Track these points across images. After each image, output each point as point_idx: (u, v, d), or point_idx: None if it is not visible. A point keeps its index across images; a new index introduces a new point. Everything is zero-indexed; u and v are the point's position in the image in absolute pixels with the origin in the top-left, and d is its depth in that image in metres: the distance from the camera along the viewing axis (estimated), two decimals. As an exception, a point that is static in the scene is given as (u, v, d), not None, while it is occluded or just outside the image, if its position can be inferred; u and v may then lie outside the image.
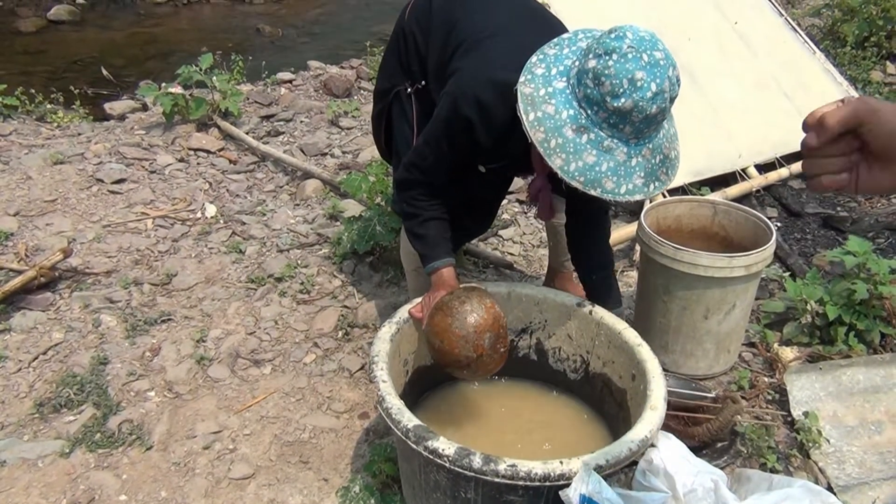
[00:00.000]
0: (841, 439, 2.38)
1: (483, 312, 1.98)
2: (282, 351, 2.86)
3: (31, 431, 2.46)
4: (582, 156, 1.74)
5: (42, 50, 7.06)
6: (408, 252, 2.64)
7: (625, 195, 1.77)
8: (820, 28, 6.00)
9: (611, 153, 1.74)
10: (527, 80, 1.81)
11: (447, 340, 1.98)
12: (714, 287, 2.49)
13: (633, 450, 1.73)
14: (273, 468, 2.35)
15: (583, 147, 1.74)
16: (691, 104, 3.94)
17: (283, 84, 5.55)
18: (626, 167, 1.76)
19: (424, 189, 2.22)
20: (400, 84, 2.44)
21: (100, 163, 4.14)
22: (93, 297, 3.08)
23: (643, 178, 1.78)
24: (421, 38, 2.32)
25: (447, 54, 2.16)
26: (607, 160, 1.74)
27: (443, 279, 2.17)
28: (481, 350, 1.97)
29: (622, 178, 1.76)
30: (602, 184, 1.76)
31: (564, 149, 1.74)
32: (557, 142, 1.74)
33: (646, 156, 1.78)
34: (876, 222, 3.70)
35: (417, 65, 2.35)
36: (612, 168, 1.75)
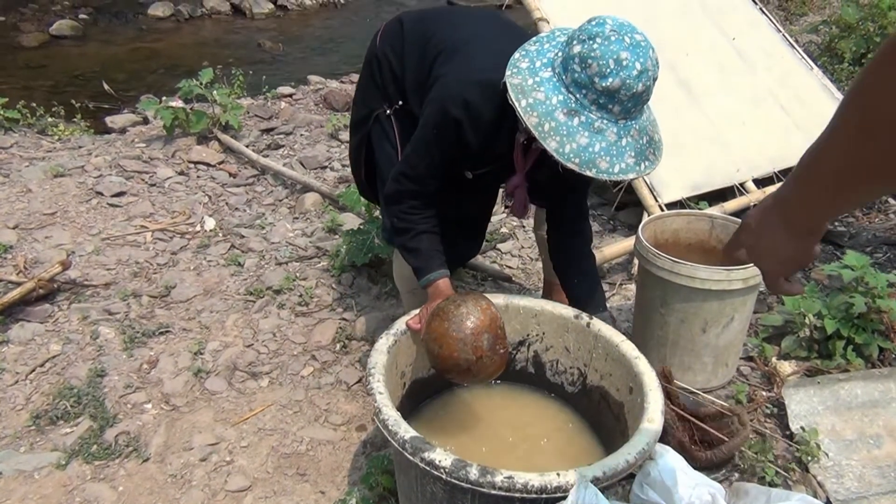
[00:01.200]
0: (839, 453, 2.38)
1: (479, 314, 1.99)
2: (279, 363, 2.85)
3: (27, 443, 2.46)
4: (575, 138, 1.80)
5: (44, 64, 7.10)
6: (401, 275, 2.62)
7: (618, 174, 1.83)
8: (818, 44, 6.03)
9: (602, 134, 1.81)
10: (513, 73, 1.87)
11: (445, 345, 1.97)
12: (712, 300, 2.49)
13: (631, 462, 1.72)
14: (270, 480, 2.34)
15: (575, 129, 1.80)
16: (689, 119, 3.96)
17: (284, 98, 5.57)
18: (617, 147, 1.82)
19: (415, 200, 2.22)
20: (378, 107, 2.44)
21: (100, 176, 4.15)
22: (91, 310, 3.08)
23: (634, 157, 1.85)
24: (395, 60, 2.34)
25: (426, 66, 2.19)
26: (599, 141, 1.81)
27: (439, 290, 2.18)
28: (480, 352, 1.97)
29: (615, 157, 1.82)
30: (597, 164, 1.81)
31: (558, 132, 1.80)
32: (550, 125, 1.80)
33: (634, 136, 1.85)
34: (874, 237, 3.71)
35: (393, 86, 2.37)
36: (605, 148, 1.81)
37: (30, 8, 8.63)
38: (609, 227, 3.89)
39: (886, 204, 4.10)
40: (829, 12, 6.97)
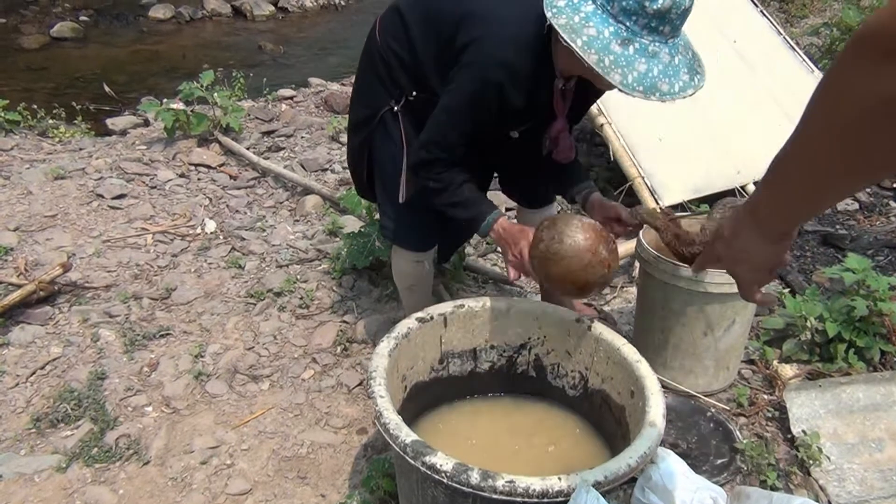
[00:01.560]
0: (841, 457, 2.37)
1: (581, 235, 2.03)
2: (280, 366, 2.85)
3: (27, 446, 2.46)
4: (634, 66, 1.84)
5: (45, 66, 7.10)
6: (400, 272, 2.67)
7: (679, 93, 1.89)
8: (818, 47, 6.03)
9: (657, 57, 1.86)
10: (555, 13, 1.87)
11: (577, 279, 2.04)
12: (713, 303, 2.48)
13: (632, 466, 1.72)
14: (271, 483, 2.34)
15: (632, 58, 1.84)
16: (690, 122, 3.95)
17: (284, 100, 5.58)
18: (672, 67, 1.88)
19: (446, 163, 2.23)
20: (384, 105, 2.39)
21: (100, 178, 4.15)
22: (92, 312, 3.08)
23: (687, 73, 1.91)
24: (402, 50, 2.29)
25: (446, 40, 2.14)
26: (656, 64, 1.86)
27: (509, 228, 2.24)
28: (607, 263, 2.06)
29: (672, 77, 1.88)
30: (658, 87, 1.87)
31: (618, 64, 1.83)
32: (610, 59, 1.83)
33: (682, 53, 1.91)
34: (875, 240, 3.71)
35: (405, 77, 2.32)
36: (662, 70, 1.86)
37: (31, 10, 8.64)
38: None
39: (888, 207, 4.10)
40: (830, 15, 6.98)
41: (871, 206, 4.09)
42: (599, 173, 4.22)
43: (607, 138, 3.73)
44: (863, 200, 4.14)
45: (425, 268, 2.68)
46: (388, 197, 2.52)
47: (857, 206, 4.09)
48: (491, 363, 2.38)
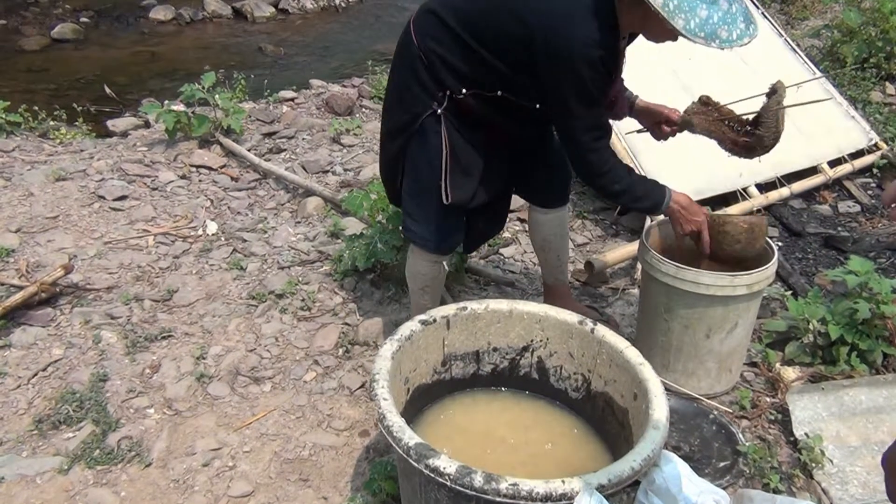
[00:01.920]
0: (844, 460, 2.37)
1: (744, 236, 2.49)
2: (282, 368, 2.85)
3: (29, 448, 2.45)
4: (697, 12, 1.97)
5: (46, 68, 7.10)
6: (417, 272, 2.69)
7: (737, 40, 2.01)
8: (819, 49, 6.02)
9: (716, 4, 1.99)
10: None
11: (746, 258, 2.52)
12: (716, 306, 2.48)
13: (636, 469, 1.72)
14: (273, 486, 2.34)
15: (695, 3, 1.97)
16: (692, 124, 3.95)
17: (286, 102, 5.57)
18: (729, 14, 2.00)
19: (609, 150, 2.41)
20: (424, 109, 2.37)
21: (101, 179, 4.15)
22: (93, 314, 3.07)
23: (743, 21, 2.02)
24: (445, 50, 2.29)
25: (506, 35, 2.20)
26: (716, 11, 1.98)
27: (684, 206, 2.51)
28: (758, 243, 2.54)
29: (730, 25, 2.00)
30: (718, 34, 1.99)
31: (681, 9, 1.96)
32: (674, 3, 1.96)
33: (738, 2, 2.03)
34: (877, 242, 3.70)
35: (451, 76, 2.32)
36: (721, 17, 1.99)
37: (31, 11, 8.63)
38: (611, 231, 3.88)
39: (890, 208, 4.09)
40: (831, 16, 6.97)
41: (873, 209, 4.09)
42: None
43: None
44: (865, 203, 4.13)
45: (443, 269, 2.71)
46: (416, 200, 2.54)
47: (860, 209, 4.09)
48: (493, 365, 2.38)
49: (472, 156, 2.44)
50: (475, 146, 2.43)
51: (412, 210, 2.57)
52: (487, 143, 2.46)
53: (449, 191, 2.40)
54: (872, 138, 4.41)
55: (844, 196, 4.24)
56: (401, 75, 2.45)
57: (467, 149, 2.42)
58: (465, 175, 2.44)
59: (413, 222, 2.57)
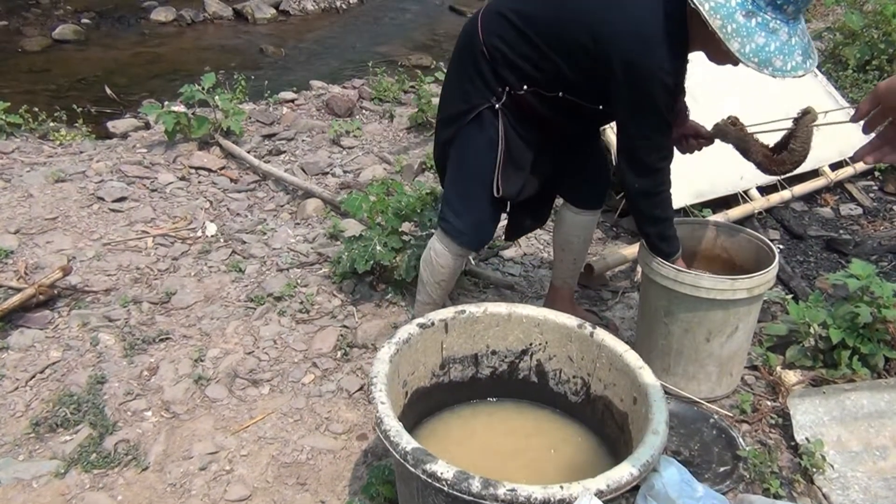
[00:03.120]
0: (845, 465, 2.36)
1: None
2: (280, 371, 2.84)
3: (26, 451, 2.44)
4: (754, 38, 2.00)
5: (46, 69, 7.09)
6: (439, 264, 2.67)
7: (791, 71, 2.04)
8: (822, 51, 6.01)
9: (776, 34, 2.01)
10: None
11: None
12: (716, 309, 2.47)
13: (635, 474, 1.71)
14: (270, 490, 2.32)
15: (753, 30, 2.00)
16: (693, 126, 3.93)
17: (285, 103, 5.56)
18: (788, 46, 2.03)
19: (668, 182, 2.44)
20: (483, 102, 2.43)
21: (101, 181, 4.14)
22: (91, 316, 3.06)
23: (801, 55, 2.06)
24: (512, 52, 2.33)
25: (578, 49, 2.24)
26: (774, 40, 2.01)
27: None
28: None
29: (787, 56, 2.03)
30: (772, 63, 2.02)
31: (739, 33, 2.00)
32: (732, 27, 2.00)
33: (800, 35, 2.06)
34: (879, 245, 3.69)
35: (514, 74, 2.36)
36: (779, 47, 2.02)
37: (32, 12, 8.62)
38: (612, 233, 3.87)
39: (892, 212, 4.08)
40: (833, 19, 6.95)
41: (874, 212, 4.08)
42: (601, 177, 4.21)
43: (608, 142, 3.71)
44: (867, 205, 4.12)
45: (462, 264, 2.75)
46: (458, 190, 2.59)
47: (861, 211, 4.08)
48: (492, 369, 2.36)
49: (524, 151, 2.49)
50: (528, 141, 2.49)
51: (452, 200, 2.60)
52: (541, 139, 2.51)
53: (500, 184, 2.46)
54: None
55: (846, 199, 4.22)
56: (462, 68, 2.49)
57: (520, 144, 2.47)
58: (516, 169, 2.50)
59: (451, 213, 2.59)
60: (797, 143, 2.42)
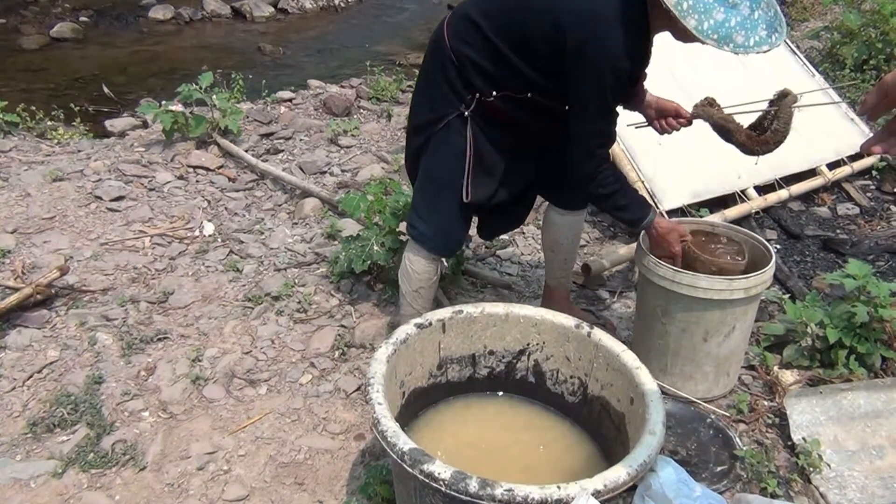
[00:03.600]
0: (842, 464, 2.36)
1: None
2: (278, 371, 2.84)
3: (23, 451, 2.44)
4: (712, 14, 1.95)
5: (44, 67, 7.09)
6: (413, 271, 2.65)
7: (754, 47, 1.99)
8: (819, 50, 6.02)
9: (736, 8, 1.97)
10: None
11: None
12: (713, 309, 2.47)
13: (632, 474, 1.71)
14: (268, 490, 2.32)
15: (711, 5, 1.96)
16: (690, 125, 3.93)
17: (283, 103, 5.56)
18: (750, 20, 1.98)
19: (605, 162, 2.40)
20: (451, 111, 2.41)
21: (99, 180, 4.14)
22: (89, 315, 3.06)
23: (766, 29, 2.01)
24: (478, 54, 2.32)
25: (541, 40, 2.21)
26: (734, 15, 1.97)
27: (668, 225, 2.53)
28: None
29: (749, 31, 1.98)
30: (733, 38, 1.98)
31: (696, 9, 1.95)
32: (688, 3, 1.95)
33: (764, 8, 2.01)
34: (876, 245, 3.69)
35: (482, 80, 2.35)
36: (740, 22, 1.97)
37: (30, 10, 8.62)
38: (609, 233, 3.87)
39: (889, 212, 4.09)
40: (831, 18, 6.97)
41: (871, 211, 4.08)
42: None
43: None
44: (864, 205, 4.13)
45: (439, 270, 2.71)
46: (426, 198, 2.58)
47: (858, 211, 4.08)
48: (490, 369, 2.36)
49: (496, 157, 2.47)
50: (500, 148, 2.46)
51: (419, 206, 2.59)
52: (514, 144, 2.49)
53: (470, 189, 2.43)
54: (871, 140, 4.39)
55: (843, 198, 4.23)
56: (431, 75, 2.48)
57: (492, 150, 2.45)
58: (487, 175, 2.48)
59: (418, 219, 2.58)
60: (780, 123, 2.42)
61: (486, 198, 2.50)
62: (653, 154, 3.75)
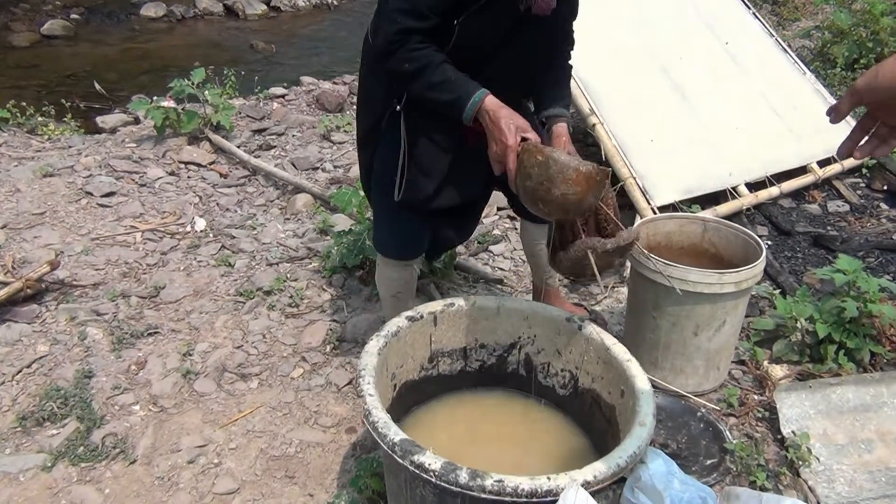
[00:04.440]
0: (831, 458, 2.37)
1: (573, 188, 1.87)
2: (269, 365, 2.83)
3: (13, 445, 2.43)
4: None
5: (35, 64, 7.06)
6: (386, 278, 2.58)
7: None
8: (810, 49, 6.04)
9: None
10: None
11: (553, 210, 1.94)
12: (704, 303, 2.48)
13: (622, 466, 1.71)
14: (258, 483, 2.32)
15: None
16: (682, 122, 3.95)
17: (276, 99, 5.56)
18: None
19: (420, 35, 2.00)
20: (387, 108, 2.28)
21: (90, 175, 4.13)
22: (79, 310, 3.05)
23: None
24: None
25: None
26: None
27: (495, 107, 1.99)
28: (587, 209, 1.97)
29: None
30: None
31: None
32: None
33: None
34: (866, 241, 3.71)
35: None
36: None
37: (21, 7, 8.59)
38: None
39: (878, 209, 4.10)
40: (822, 17, 6.99)
41: (861, 208, 4.10)
42: (591, 174, 4.21)
43: (599, 138, 3.72)
44: (854, 202, 4.14)
45: (413, 274, 2.59)
46: (378, 204, 2.47)
47: (848, 208, 4.10)
48: (481, 362, 2.37)
49: (434, 156, 2.26)
50: (441, 146, 2.24)
51: (375, 212, 2.52)
52: (455, 145, 2.26)
53: (401, 188, 2.28)
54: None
55: (834, 196, 4.24)
56: (363, 77, 2.40)
57: (430, 148, 2.25)
58: (423, 175, 2.27)
59: (376, 225, 2.51)
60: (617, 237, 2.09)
61: (421, 199, 2.29)
62: (644, 150, 3.76)
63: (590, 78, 3.85)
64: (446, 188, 2.30)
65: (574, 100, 3.81)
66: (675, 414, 2.57)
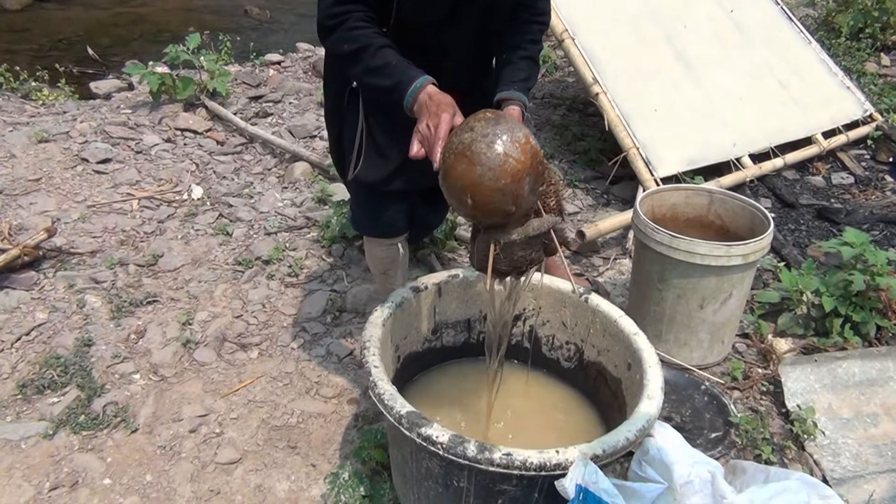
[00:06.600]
0: (836, 431, 2.36)
1: (518, 153, 1.56)
2: (269, 335, 2.81)
3: (13, 412, 2.41)
4: None
5: (27, 28, 6.96)
6: (374, 257, 2.53)
7: None
8: (815, 18, 5.98)
9: None
10: None
11: (479, 195, 1.57)
12: (710, 276, 2.45)
13: (630, 439, 1.69)
14: (260, 453, 2.30)
15: None
16: (686, 92, 3.90)
17: (272, 65, 5.48)
18: None
19: (361, 13, 1.89)
20: (347, 85, 2.19)
21: (85, 142, 4.07)
22: (77, 278, 3.02)
23: None
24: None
25: None
26: None
27: (436, 97, 1.79)
28: (521, 199, 1.60)
29: None
30: None
31: None
32: None
33: None
34: (870, 214, 3.69)
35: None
36: None
37: (12, -31, 8.45)
38: (603, 200, 3.85)
39: (883, 181, 4.08)
40: (826, -13, 6.92)
41: (866, 181, 4.07)
42: (592, 143, 4.18)
43: (602, 107, 3.68)
44: (858, 174, 4.12)
45: (399, 251, 2.51)
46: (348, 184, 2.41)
47: (853, 181, 4.07)
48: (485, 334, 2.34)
49: (389, 138, 2.15)
50: (402, 127, 1.92)
51: (350, 195, 2.47)
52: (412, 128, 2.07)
53: (358, 167, 2.19)
54: (867, 109, 4.38)
55: (838, 167, 4.21)
56: (326, 53, 2.29)
57: (388, 127, 2.14)
58: (379, 156, 2.18)
59: (351, 204, 2.46)
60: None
61: (377, 180, 2.19)
62: (648, 120, 3.72)
63: (593, 47, 3.79)
64: (407, 171, 2.18)
65: (577, 69, 3.76)
66: (679, 387, 2.56)
